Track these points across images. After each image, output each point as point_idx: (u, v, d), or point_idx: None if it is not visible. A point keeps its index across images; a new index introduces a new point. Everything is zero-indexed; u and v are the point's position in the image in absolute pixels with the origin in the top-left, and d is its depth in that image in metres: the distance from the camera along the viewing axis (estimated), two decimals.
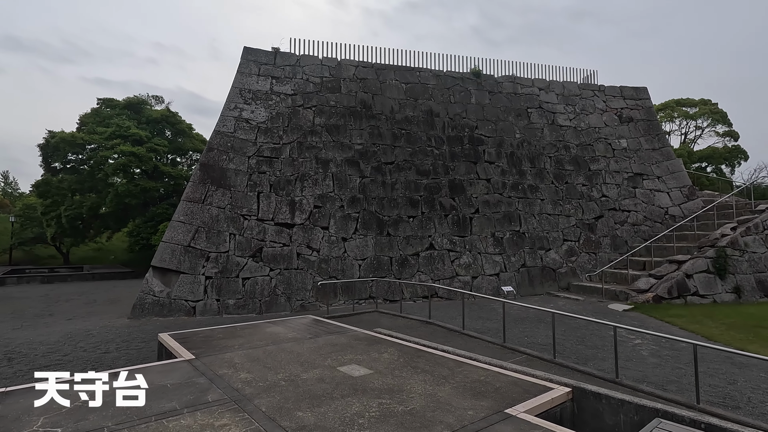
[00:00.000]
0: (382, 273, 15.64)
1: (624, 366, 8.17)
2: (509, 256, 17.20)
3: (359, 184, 16.65)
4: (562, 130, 20.56)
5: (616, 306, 13.85)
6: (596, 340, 10.07)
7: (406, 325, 10.53)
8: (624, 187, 20.12)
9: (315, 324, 10.20)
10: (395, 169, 17.37)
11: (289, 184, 15.83)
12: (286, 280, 14.62)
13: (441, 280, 16.15)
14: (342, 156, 16.89)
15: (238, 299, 13.98)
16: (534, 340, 9.93)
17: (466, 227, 17.17)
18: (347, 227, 15.89)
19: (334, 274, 15.15)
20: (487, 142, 19.16)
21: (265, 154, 16.05)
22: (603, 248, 18.54)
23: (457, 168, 18.17)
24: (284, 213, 15.37)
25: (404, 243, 16.29)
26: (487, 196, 17.99)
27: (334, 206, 16.01)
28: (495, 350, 8.54)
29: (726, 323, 11.55)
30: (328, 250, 15.39)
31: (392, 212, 16.59)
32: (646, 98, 22.71)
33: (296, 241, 15.16)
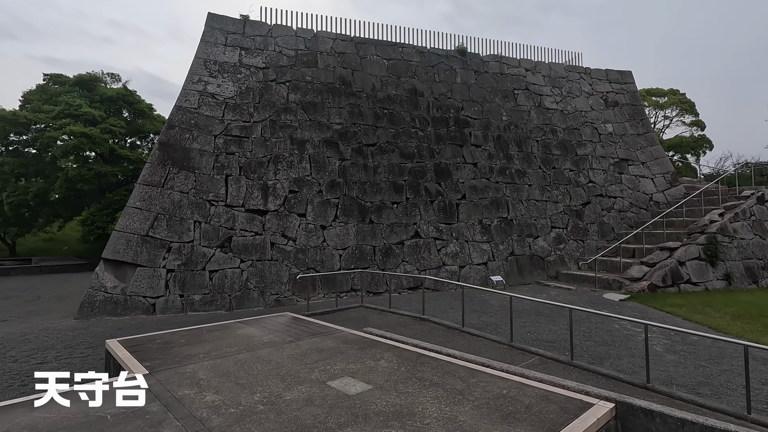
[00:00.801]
0: (364, 263, 14.46)
1: (640, 364, 7.37)
2: (497, 244, 16.37)
3: (339, 168, 15.31)
4: (549, 113, 19.81)
5: (612, 296, 13.24)
6: (603, 334, 9.30)
7: (398, 323, 9.43)
8: (610, 173, 19.65)
9: (295, 323, 8.93)
10: (377, 152, 16.11)
11: (261, 167, 14.30)
12: (259, 272, 13.21)
13: (427, 270, 15.13)
14: (320, 136, 15.47)
15: (204, 294, 12.49)
16: (538, 336, 9.04)
17: (452, 214, 16.18)
18: (326, 214, 14.57)
19: (312, 266, 13.86)
20: (474, 125, 18.16)
21: (234, 133, 14.42)
22: (591, 235, 18.02)
23: (443, 151, 17.09)
24: (256, 198, 13.88)
25: (388, 231, 15.14)
26: (474, 182, 17.04)
27: (311, 191, 14.63)
28: (503, 351, 7.57)
29: (728, 313, 11.08)
30: (306, 239, 14.06)
31: (375, 198, 15.38)
32: (630, 82, 22.27)
33: (270, 229, 13.73)
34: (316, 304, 12.62)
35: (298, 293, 13.45)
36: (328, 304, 12.78)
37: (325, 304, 12.83)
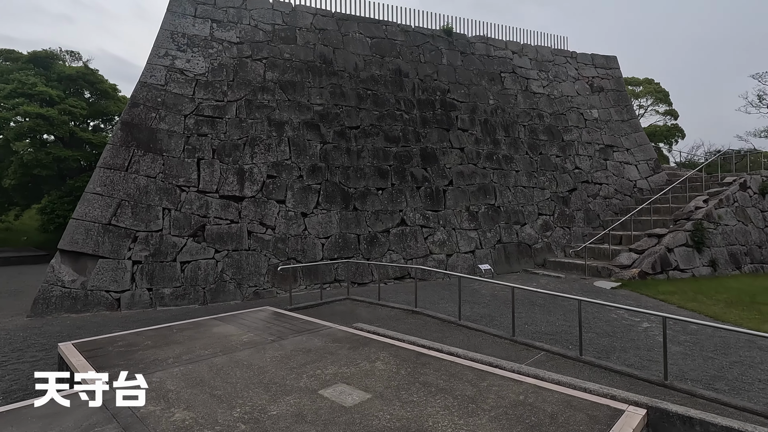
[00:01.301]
0: (348, 252, 13.72)
1: (648, 357, 6.98)
2: (485, 231, 15.90)
3: (320, 151, 14.41)
4: (535, 98, 19.34)
5: (603, 283, 12.98)
6: (603, 325, 8.91)
7: (389, 316, 8.78)
8: (596, 159, 19.44)
9: (276, 319, 8.16)
10: (361, 135, 15.26)
11: (236, 150, 13.26)
12: (236, 263, 12.29)
13: (414, 259, 14.53)
14: (299, 118, 14.49)
15: (175, 288, 11.51)
16: (537, 328, 8.57)
17: (439, 201, 15.58)
18: (307, 201, 13.70)
19: (293, 256, 13.02)
20: (460, 108, 17.50)
21: (206, 113, 13.29)
22: (577, 222, 17.80)
23: (429, 135, 16.39)
24: (231, 184, 12.87)
25: (373, 218, 14.41)
26: (461, 167, 16.45)
27: (291, 176, 13.71)
28: (505, 346, 7.02)
29: (721, 300, 10.93)
30: (286, 228, 13.18)
31: (359, 184, 14.59)
32: (615, 68, 22.05)
33: (247, 217, 12.78)
34: (297, 296, 11.84)
35: (278, 285, 12.62)
36: (311, 296, 12.02)
37: (307, 296, 12.06)
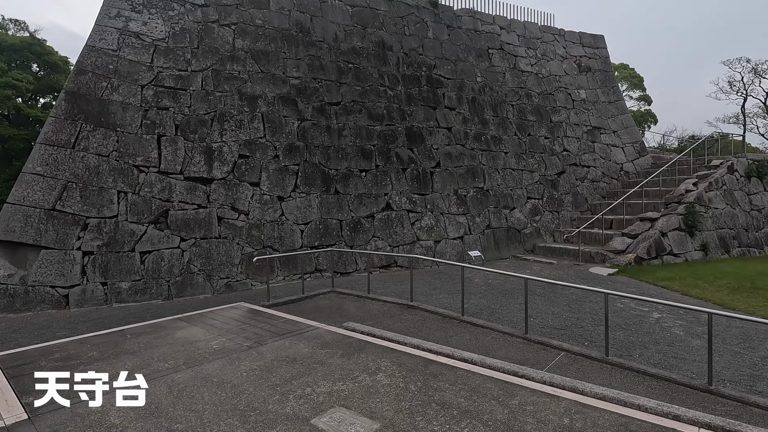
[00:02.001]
0: (330, 240, 12.61)
1: (673, 354, 6.30)
2: (474, 216, 15.09)
3: (298, 129, 13.11)
4: (523, 76, 18.50)
5: (598, 269, 12.42)
6: (613, 316, 8.21)
7: (382, 312, 7.80)
8: (584, 141, 18.88)
9: (252, 318, 7.04)
10: (342, 112, 14.02)
11: (203, 126, 11.81)
12: (205, 252, 11.00)
13: (400, 246, 13.58)
14: (274, 92, 13.10)
15: (135, 282, 10.14)
16: (543, 321, 7.79)
17: (426, 184, 14.61)
18: (284, 183, 12.45)
19: (269, 244, 11.82)
20: (447, 85, 16.46)
21: (167, 83, 11.74)
22: (565, 206, 17.25)
23: (415, 113, 15.31)
24: (198, 164, 11.46)
25: (356, 203, 13.31)
26: (449, 148, 15.49)
27: (266, 156, 12.39)
28: (519, 346, 6.17)
29: (722, 286, 10.50)
30: (261, 213, 11.93)
31: (340, 165, 13.41)
32: (603, 47, 21.45)
33: (216, 201, 11.44)
34: (275, 288, 10.70)
35: (253, 276, 11.42)
36: (290, 288, 10.90)
37: (286, 288, 10.93)
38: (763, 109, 44.88)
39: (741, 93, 45.25)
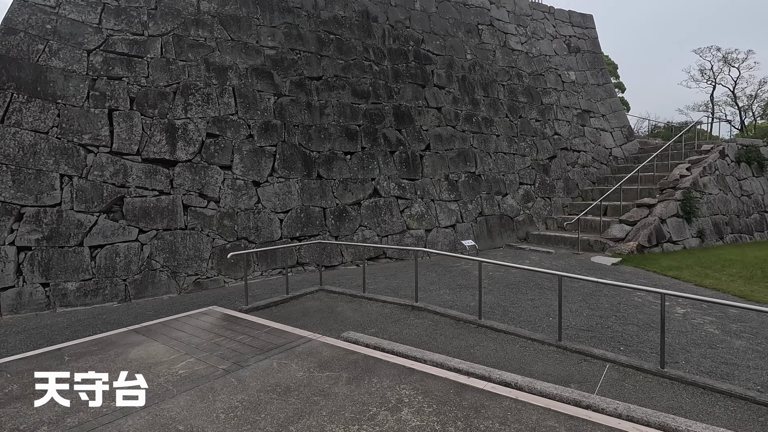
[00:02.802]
0: (312, 230, 11.35)
1: (724, 360, 5.50)
2: (466, 203, 14.12)
3: (275, 106, 11.67)
4: (514, 55, 17.53)
5: (600, 259, 11.72)
6: (633, 311, 7.45)
7: (384, 315, 6.68)
8: (574, 125, 18.19)
9: (228, 326, 5.79)
10: (324, 87, 12.63)
11: (164, 100, 10.21)
12: (169, 246, 9.53)
13: (389, 236, 12.46)
14: (246, 63, 11.57)
15: (84, 282, 8.61)
16: (565, 321, 6.79)
17: (416, 168, 13.49)
18: (260, 166, 11.04)
19: (244, 235, 10.44)
20: (436, 62, 15.27)
21: (120, 49, 10.03)
22: (557, 192, 16.55)
23: (403, 91, 14.07)
24: (159, 144, 9.89)
25: (341, 189, 12.05)
26: (439, 129, 14.39)
27: (238, 135, 10.92)
28: (556, 357, 5.20)
29: (734, 275, 9.96)
30: (234, 200, 10.51)
31: (323, 146, 12.08)
32: (592, 27, 20.74)
33: (181, 186, 9.95)
34: (252, 285, 9.38)
35: (225, 272, 10.06)
36: (269, 285, 9.63)
37: (264, 285, 9.64)
38: (731, 97, 46.06)
39: (710, 81, 46.23)
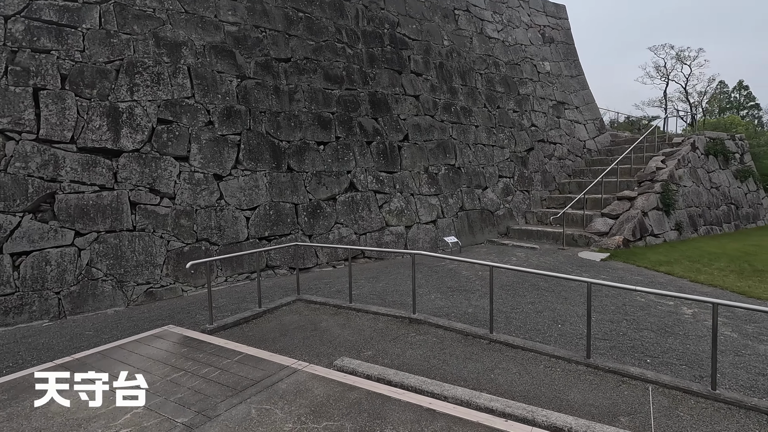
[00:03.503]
0: (283, 228, 10.18)
1: (752, 368, 4.97)
2: (446, 197, 13.35)
3: (238, 89, 10.33)
4: (491, 43, 16.89)
5: (588, 254, 11.29)
6: (641, 313, 6.90)
7: (378, 331, 5.69)
8: (550, 116, 17.86)
9: (190, 354, 4.63)
10: (294, 71, 11.40)
11: (104, 78, 8.66)
12: (113, 250, 8.10)
13: (368, 233, 11.48)
14: (204, 39, 10.15)
15: (5, 296, 7.08)
16: (575, 328, 6.19)
17: (395, 160, 12.55)
18: (222, 157, 9.72)
19: (204, 236, 9.13)
20: (413, 47, 14.34)
21: (47, 16, 8.37)
22: (535, 185, 16.14)
23: (379, 77, 13.05)
24: (99, 130, 8.38)
25: (314, 182, 10.93)
26: (418, 119, 13.50)
27: (196, 122, 9.53)
28: (588, 378, 4.44)
29: (723, 269, 9.74)
30: (192, 196, 9.16)
31: (293, 135, 10.89)
32: (565, 18, 20.49)
33: (128, 180, 8.49)
34: (216, 294, 8.15)
35: (184, 279, 8.73)
36: (236, 293, 8.42)
37: (230, 294, 8.42)
38: (683, 93, 48.22)
39: (664, 78, 48.18)
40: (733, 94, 59.61)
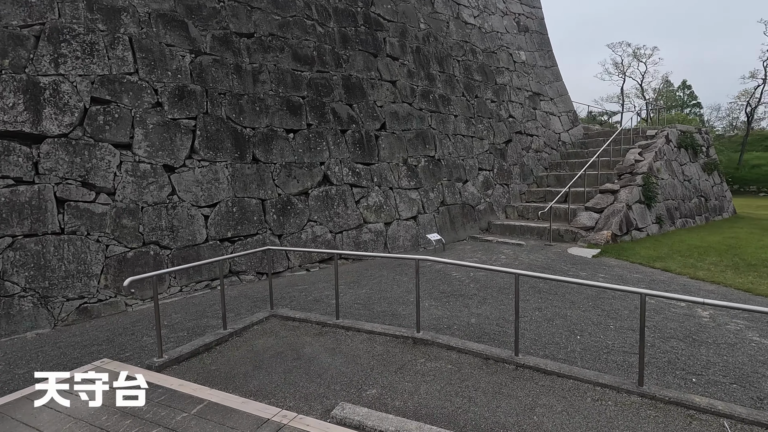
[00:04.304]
0: (249, 228, 8.86)
1: None
2: (427, 191, 12.42)
3: (192, 66, 8.85)
4: (467, 29, 16.07)
5: (577, 251, 10.71)
6: (654, 316, 6.23)
7: (378, 357, 4.60)
8: (526, 108, 17.33)
9: (125, 411, 3.36)
10: (258, 48, 10.01)
11: (18, 46, 6.99)
12: (34, 259, 6.53)
13: (345, 231, 10.35)
14: (149, 6, 8.58)
15: None
16: (597, 340, 5.40)
17: (372, 150, 11.45)
18: (174, 145, 8.25)
19: (153, 238, 7.67)
20: (388, 28, 13.23)
21: None
22: (514, 178, 15.55)
23: (353, 60, 11.87)
24: (13, 110, 6.73)
25: (284, 175, 9.65)
26: (395, 106, 12.45)
27: (140, 103, 8.00)
28: (645, 411, 3.57)
29: (718, 264, 9.40)
30: (136, 191, 7.67)
31: (259, 121, 9.54)
32: (538, 7, 20.04)
33: (53, 172, 6.91)
34: (168, 308, 6.78)
35: (128, 291, 7.26)
36: (193, 307, 7.07)
37: (186, 306, 7.06)
38: (639, 90, 49.95)
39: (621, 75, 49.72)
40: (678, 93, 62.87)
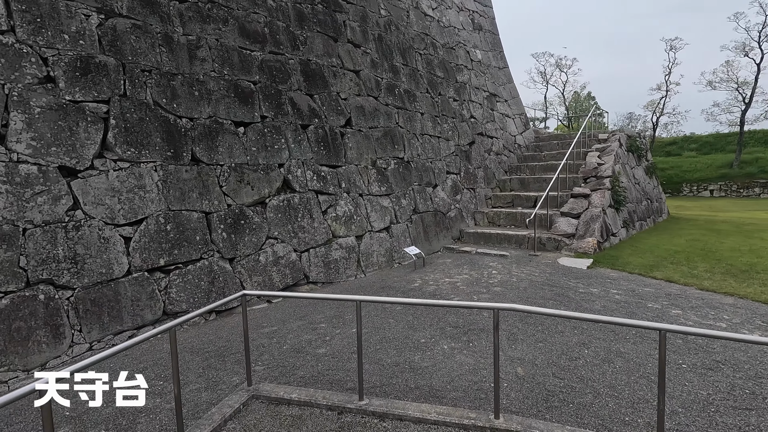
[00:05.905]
0: (190, 251, 6.63)
1: None
2: (399, 197, 10.89)
3: (101, 30, 6.42)
4: (427, 21, 14.86)
5: (568, 261, 9.84)
6: (735, 355, 5.27)
7: None
8: (485, 108, 16.58)
9: None
10: (195, 16, 7.75)
11: None
12: None
13: (312, 248, 8.42)
14: None
15: None
16: (686, 393, 4.21)
17: (338, 150, 9.65)
18: (76, 139, 5.81)
19: (45, 274, 5.21)
20: (348, 11, 11.51)
21: None
22: (479, 182, 14.62)
23: (311, 42, 9.99)
24: None
25: (234, 180, 7.50)
26: (361, 99, 10.76)
27: (19, 75, 5.47)
28: None
29: (712, 271, 8.98)
30: (14, 206, 5.16)
31: (199, 110, 7.31)
32: (490, 6, 19.53)
33: None
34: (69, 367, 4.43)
35: (6, 353, 4.76)
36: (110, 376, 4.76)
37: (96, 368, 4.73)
38: (561, 98, 53.14)
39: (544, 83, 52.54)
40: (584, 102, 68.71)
